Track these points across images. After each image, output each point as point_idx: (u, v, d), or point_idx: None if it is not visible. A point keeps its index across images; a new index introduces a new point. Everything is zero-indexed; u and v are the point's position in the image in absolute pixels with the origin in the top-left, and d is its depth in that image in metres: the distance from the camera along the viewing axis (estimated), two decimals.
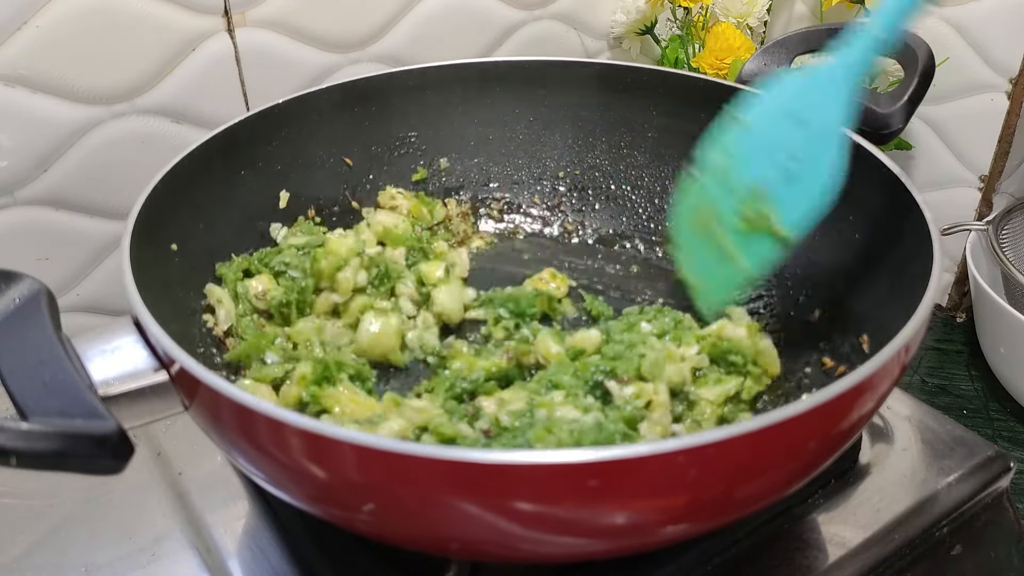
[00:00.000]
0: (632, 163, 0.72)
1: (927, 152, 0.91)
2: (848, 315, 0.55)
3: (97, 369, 0.41)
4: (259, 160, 0.64)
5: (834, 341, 0.55)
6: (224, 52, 0.73)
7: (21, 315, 0.40)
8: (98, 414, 0.37)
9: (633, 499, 0.35)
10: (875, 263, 0.53)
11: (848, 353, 0.53)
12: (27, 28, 0.64)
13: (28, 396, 0.37)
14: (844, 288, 0.56)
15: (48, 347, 0.39)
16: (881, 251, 0.53)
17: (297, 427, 0.35)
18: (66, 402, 0.37)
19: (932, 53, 0.61)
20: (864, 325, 0.52)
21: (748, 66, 0.69)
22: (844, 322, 0.55)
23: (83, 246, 0.73)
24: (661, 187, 0.71)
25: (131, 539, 0.53)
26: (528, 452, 0.33)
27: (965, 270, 0.86)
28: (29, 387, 0.37)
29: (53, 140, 0.68)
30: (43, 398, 0.37)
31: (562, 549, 0.39)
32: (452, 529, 0.38)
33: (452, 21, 0.84)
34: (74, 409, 0.37)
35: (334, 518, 0.42)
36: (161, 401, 0.42)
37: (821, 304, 0.58)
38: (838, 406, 0.37)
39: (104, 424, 0.37)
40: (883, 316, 0.50)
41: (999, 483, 0.57)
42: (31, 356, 0.38)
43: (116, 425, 0.37)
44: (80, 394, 0.38)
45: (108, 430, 0.37)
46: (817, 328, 0.57)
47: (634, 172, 0.72)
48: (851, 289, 0.55)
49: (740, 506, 0.41)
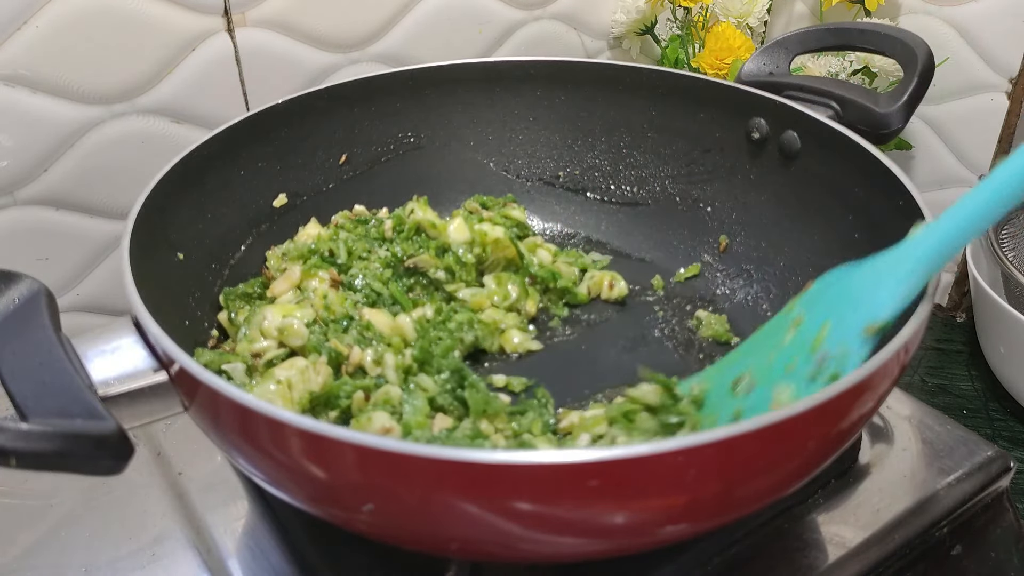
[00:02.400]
0: (632, 163, 0.72)
1: (927, 152, 0.91)
2: None
3: (97, 369, 0.41)
4: (259, 160, 0.64)
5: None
6: (224, 52, 0.73)
7: (21, 315, 0.40)
8: (98, 414, 0.37)
9: (632, 499, 0.35)
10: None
11: None
12: (27, 28, 0.64)
13: (28, 396, 0.37)
14: None
15: (48, 347, 0.39)
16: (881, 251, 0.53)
17: (298, 427, 0.35)
18: (66, 402, 0.37)
19: (931, 53, 0.61)
20: None
21: (747, 66, 0.69)
22: None
23: (83, 246, 0.73)
24: (661, 187, 0.71)
25: (131, 539, 0.53)
26: (528, 452, 0.33)
27: (965, 270, 0.86)
28: (29, 387, 0.37)
29: (53, 140, 0.68)
30: (43, 398, 0.37)
31: (562, 549, 0.39)
32: (452, 529, 0.38)
33: (452, 21, 0.84)
34: (74, 409, 0.37)
35: (334, 518, 0.42)
36: (161, 401, 0.42)
37: None
38: (837, 406, 0.37)
39: (104, 424, 0.37)
40: None
41: (999, 483, 0.57)
42: (31, 356, 0.38)
43: (116, 425, 0.37)
44: (80, 394, 0.38)
45: (108, 430, 0.37)
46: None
47: (633, 172, 0.72)
48: None
49: (740, 506, 0.41)
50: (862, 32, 0.65)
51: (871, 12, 0.88)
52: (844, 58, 0.88)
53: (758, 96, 0.64)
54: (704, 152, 0.69)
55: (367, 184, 0.71)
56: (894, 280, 0.42)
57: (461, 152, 0.73)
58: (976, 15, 0.82)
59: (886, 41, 0.63)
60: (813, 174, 0.61)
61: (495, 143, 0.73)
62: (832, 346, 0.44)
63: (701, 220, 0.69)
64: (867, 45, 0.65)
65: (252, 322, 0.54)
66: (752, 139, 0.65)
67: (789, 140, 0.62)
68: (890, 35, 0.63)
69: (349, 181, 0.70)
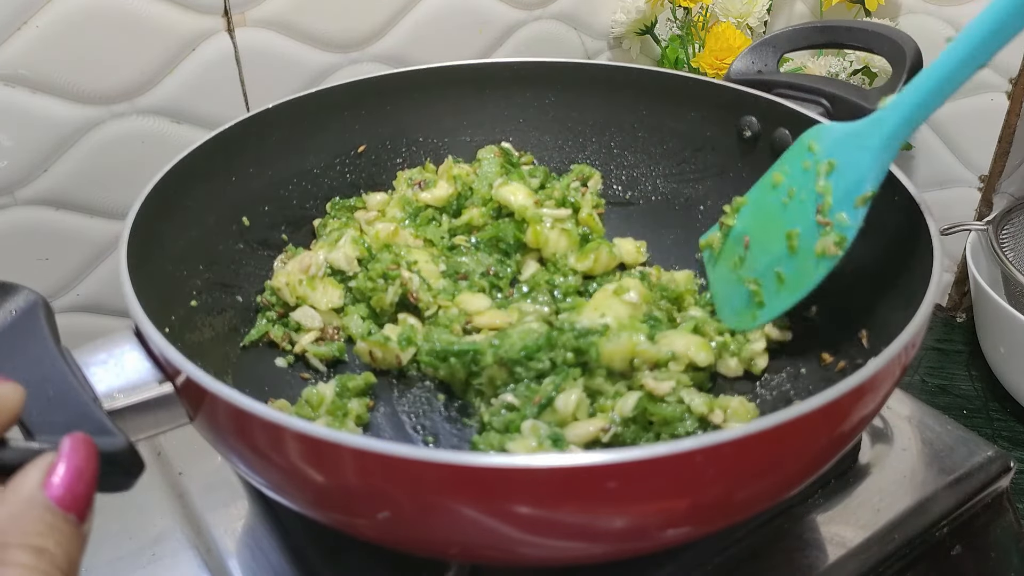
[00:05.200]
0: (623, 163, 0.72)
1: (927, 152, 0.91)
2: (847, 312, 0.55)
3: (100, 382, 0.39)
4: (261, 160, 0.63)
5: (833, 337, 0.55)
6: (224, 52, 0.73)
7: (20, 328, 0.38)
8: (107, 430, 0.36)
9: (634, 502, 0.35)
10: (875, 263, 0.53)
11: (848, 348, 0.53)
12: (27, 28, 0.64)
13: (33, 412, 0.35)
14: (844, 287, 0.56)
15: (50, 361, 0.37)
16: (881, 251, 0.53)
17: (308, 436, 0.34)
18: (73, 418, 0.36)
19: (919, 51, 0.60)
20: (863, 321, 0.52)
21: (736, 65, 0.69)
22: (843, 319, 0.55)
23: (83, 246, 0.73)
24: (652, 187, 0.71)
25: (131, 539, 0.53)
26: (527, 456, 0.33)
27: (965, 270, 0.86)
28: (34, 403, 0.35)
29: (53, 140, 0.68)
30: (48, 414, 0.36)
31: (562, 553, 0.39)
32: (452, 534, 0.37)
33: (452, 21, 0.84)
34: (82, 425, 0.35)
35: (338, 524, 0.41)
36: (166, 413, 0.40)
37: (819, 302, 0.58)
38: (841, 406, 0.37)
39: (114, 441, 0.35)
40: (883, 315, 0.50)
41: (999, 483, 0.57)
42: (33, 370, 0.37)
43: (126, 441, 0.36)
44: (87, 409, 0.36)
45: (119, 447, 0.35)
46: (815, 324, 0.57)
47: (625, 172, 0.72)
48: (851, 289, 0.55)
49: (742, 509, 0.41)
50: (849, 30, 0.65)
51: (871, 12, 0.88)
52: (844, 58, 0.88)
53: (749, 94, 0.64)
54: (695, 151, 0.68)
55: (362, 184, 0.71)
56: (871, 154, 0.49)
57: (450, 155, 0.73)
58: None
59: (874, 39, 0.63)
60: None
61: (485, 145, 0.73)
62: (833, 212, 0.51)
63: (694, 219, 0.69)
64: (855, 43, 0.65)
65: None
66: (743, 137, 0.65)
67: (781, 137, 0.62)
68: (879, 33, 0.63)
69: (351, 181, 0.70)
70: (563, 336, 0.53)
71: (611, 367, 0.52)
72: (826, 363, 0.54)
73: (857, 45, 0.65)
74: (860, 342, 0.52)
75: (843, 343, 0.53)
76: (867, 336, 0.52)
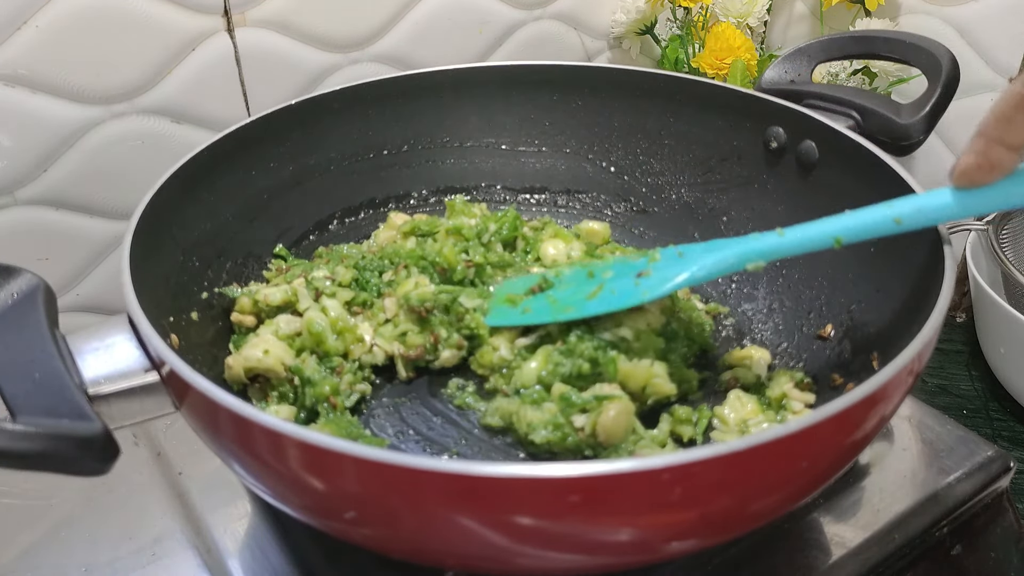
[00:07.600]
0: (648, 170, 0.71)
1: (927, 152, 0.91)
2: (858, 330, 0.54)
3: (89, 367, 0.40)
4: (269, 161, 0.64)
5: (844, 358, 0.55)
6: (224, 52, 0.73)
7: (17, 311, 0.40)
8: (84, 415, 0.37)
9: (640, 514, 0.35)
10: (884, 269, 0.53)
11: (858, 371, 0.53)
12: (27, 28, 0.64)
13: (18, 394, 0.36)
14: (854, 301, 0.55)
15: (41, 344, 0.38)
16: (890, 258, 0.52)
17: (290, 436, 0.34)
18: (54, 401, 0.37)
19: (956, 62, 0.59)
20: (875, 341, 0.52)
21: (768, 74, 0.68)
22: (854, 338, 0.54)
23: (83, 246, 0.73)
24: (676, 195, 0.71)
25: (131, 539, 0.53)
26: (528, 466, 0.33)
27: (965, 270, 0.86)
28: (20, 384, 0.37)
29: (53, 140, 0.68)
30: (32, 396, 0.37)
31: (562, 565, 0.39)
32: (449, 544, 0.37)
33: (452, 21, 0.84)
34: (61, 409, 0.36)
35: (327, 528, 0.41)
36: (153, 400, 0.41)
37: (832, 320, 0.58)
38: (852, 417, 0.37)
39: (90, 426, 0.36)
40: (894, 323, 0.50)
41: (999, 483, 0.57)
42: (24, 353, 0.38)
43: (102, 427, 0.36)
44: (68, 393, 0.37)
45: (93, 432, 0.36)
46: (827, 345, 0.57)
47: (650, 180, 0.72)
48: (861, 302, 0.54)
49: (751, 520, 0.40)
50: (887, 41, 0.64)
51: (871, 12, 0.88)
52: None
53: (777, 104, 0.63)
54: (721, 160, 0.68)
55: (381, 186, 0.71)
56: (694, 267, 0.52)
57: (475, 157, 0.73)
58: (976, 15, 0.82)
59: (911, 50, 0.62)
60: (830, 185, 0.59)
61: (511, 147, 0.73)
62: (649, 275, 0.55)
63: (716, 230, 0.68)
64: (891, 54, 0.64)
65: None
66: (770, 148, 0.64)
67: (807, 150, 0.61)
68: (915, 44, 0.62)
69: (361, 185, 0.70)
70: (582, 344, 0.53)
71: (624, 385, 0.52)
72: (836, 384, 0.54)
73: (893, 56, 0.64)
74: (871, 365, 0.51)
75: (854, 364, 0.53)
76: (877, 358, 0.51)
